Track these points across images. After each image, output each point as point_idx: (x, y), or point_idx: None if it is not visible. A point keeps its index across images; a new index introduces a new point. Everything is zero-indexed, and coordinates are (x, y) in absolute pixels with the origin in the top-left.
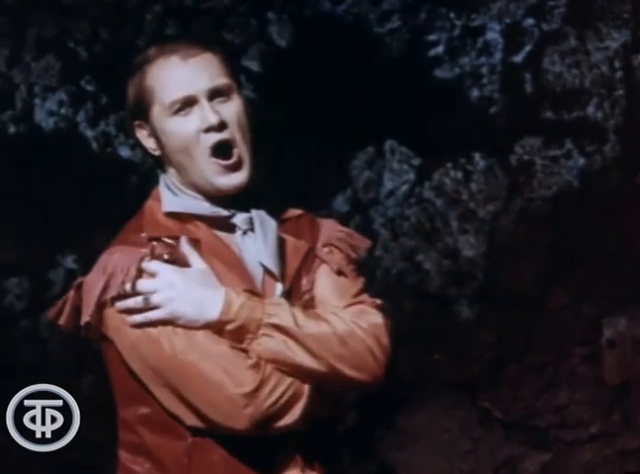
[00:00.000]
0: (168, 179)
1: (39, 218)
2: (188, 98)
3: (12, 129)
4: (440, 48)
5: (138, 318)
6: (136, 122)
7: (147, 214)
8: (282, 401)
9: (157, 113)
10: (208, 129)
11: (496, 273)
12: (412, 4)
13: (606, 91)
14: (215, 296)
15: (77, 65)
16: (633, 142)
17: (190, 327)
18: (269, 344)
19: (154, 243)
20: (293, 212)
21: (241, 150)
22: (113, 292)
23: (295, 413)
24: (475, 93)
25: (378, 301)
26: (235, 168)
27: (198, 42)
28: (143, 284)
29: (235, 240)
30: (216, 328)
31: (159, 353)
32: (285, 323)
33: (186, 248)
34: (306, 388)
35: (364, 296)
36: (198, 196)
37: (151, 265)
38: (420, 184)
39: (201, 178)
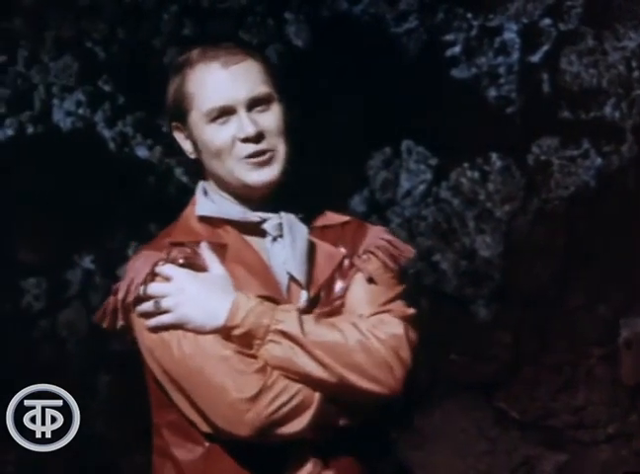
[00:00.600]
0: (207, 184)
1: (56, 219)
2: (226, 107)
3: (30, 130)
4: (457, 48)
5: (152, 322)
6: (174, 124)
7: (182, 220)
8: (287, 408)
9: (195, 119)
10: (246, 140)
11: (513, 273)
12: (429, 4)
13: (624, 91)
14: (224, 302)
15: (95, 65)
16: None
17: (198, 332)
18: (276, 350)
19: (172, 247)
20: (339, 218)
21: (276, 155)
22: (132, 296)
23: (303, 421)
24: (492, 93)
25: (410, 311)
26: (265, 164)
27: (240, 48)
28: (154, 288)
29: (265, 246)
30: (224, 333)
31: (170, 356)
32: (291, 330)
33: (206, 253)
34: (316, 397)
35: (395, 305)
36: (232, 199)
37: (164, 269)
38: (437, 184)
39: (232, 177)
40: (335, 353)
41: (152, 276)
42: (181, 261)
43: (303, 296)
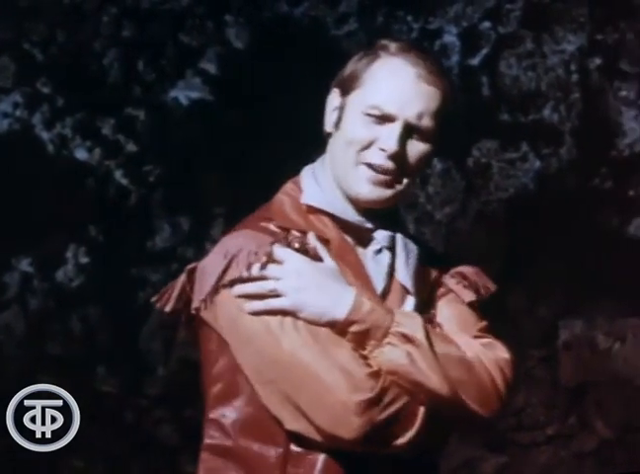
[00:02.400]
0: (319, 168)
1: None
2: (390, 115)
3: None
4: None
5: (259, 305)
6: (335, 90)
7: (275, 207)
8: (398, 418)
9: (356, 99)
10: (383, 150)
11: None
12: (369, 7)
13: (563, 94)
14: (345, 294)
15: (33, 67)
16: (589, 145)
17: (312, 322)
18: (392, 354)
19: (281, 231)
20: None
21: (397, 185)
22: (234, 274)
23: (408, 435)
24: None
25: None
26: (382, 185)
27: (441, 71)
28: (271, 269)
29: (364, 254)
30: (340, 328)
31: (276, 347)
32: (416, 334)
33: (316, 243)
34: (421, 411)
35: (491, 336)
36: (343, 198)
37: (282, 251)
38: None
39: (344, 177)
40: (451, 366)
41: (268, 256)
42: (297, 245)
43: (410, 305)
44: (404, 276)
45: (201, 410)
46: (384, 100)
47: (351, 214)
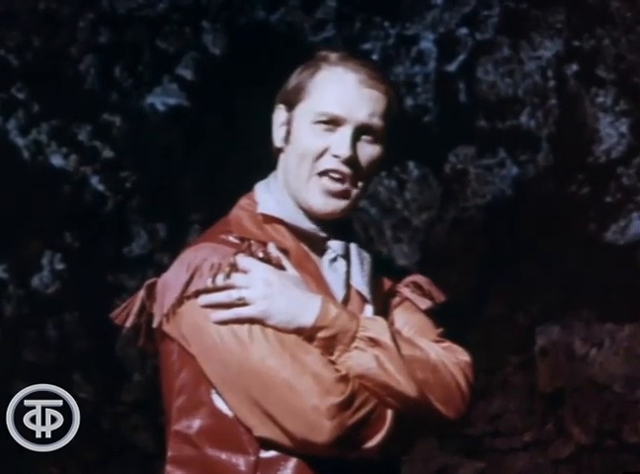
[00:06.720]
0: (272, 182)
1: None
2: (338, 118)
3: None
4: (374, 57)
5: (227, 314)
6: (280, 106)
7: (233, 220)
8: (368, 421)
9: (302, 111)
10: (337, 157)
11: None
12: (346, 13)
13: (540, 100)
14: (312, 301)
15: (8, 73)
16: (566, 151)
17: (280, 329)
18: (360, 358)
19: (242, 241)
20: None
21: (353, 192)
22: (198, 286)
23: (377, 438)
24: (409, 102)
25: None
26: (338, 196)
27: (381, 75)
28: (238, 279)
29: (320, 263)
30: (308, 334)
31: (245, 354)
32: (383, 338)
33: (277, 253)
34: (389, 414)
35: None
36: (298, 208)
37: (246, 260)
38: None
39: (300, 191)
40: (419, 367)
41: (231, 266)
42: (260, 255)
43: (368, 313)
44: (360, 283)
45: None
46: (331, 105)
47: (305, 224)
